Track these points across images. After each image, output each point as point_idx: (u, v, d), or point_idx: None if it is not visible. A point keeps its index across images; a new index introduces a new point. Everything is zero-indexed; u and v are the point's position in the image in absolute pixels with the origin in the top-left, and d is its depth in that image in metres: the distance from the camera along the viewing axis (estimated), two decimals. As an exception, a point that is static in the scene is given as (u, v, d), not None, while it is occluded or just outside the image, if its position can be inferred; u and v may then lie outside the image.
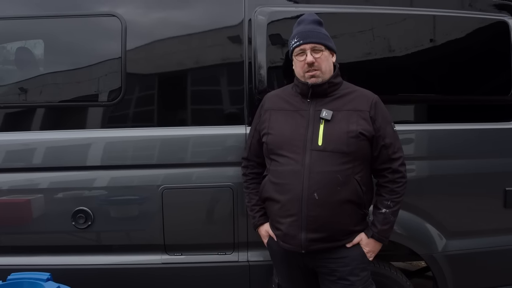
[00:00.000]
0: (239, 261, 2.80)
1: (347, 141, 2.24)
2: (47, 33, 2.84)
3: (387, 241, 2.38)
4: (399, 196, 2.30)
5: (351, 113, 2.29)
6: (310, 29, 2.31)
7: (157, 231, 2.74)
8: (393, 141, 2.31)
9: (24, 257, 2.76)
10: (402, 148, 2.35)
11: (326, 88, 2.31)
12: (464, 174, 2.87)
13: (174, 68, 2.83)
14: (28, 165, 2.73)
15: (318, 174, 2.24)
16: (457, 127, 2.88)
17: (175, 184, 2.73)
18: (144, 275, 2.77)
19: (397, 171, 2.30)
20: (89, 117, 2.80)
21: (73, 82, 2.79)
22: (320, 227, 2.27)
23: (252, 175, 2.55)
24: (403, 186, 2.31)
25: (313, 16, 2.37)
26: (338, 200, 2.25)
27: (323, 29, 2.35)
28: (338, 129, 2.26)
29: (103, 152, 2.75)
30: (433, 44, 2.87)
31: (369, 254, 2.36)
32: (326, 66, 2.31)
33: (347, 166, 2.25)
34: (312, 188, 2.24)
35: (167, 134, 2.75)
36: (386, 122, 2.32)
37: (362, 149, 2.28)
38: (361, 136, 2.25)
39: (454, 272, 2.88)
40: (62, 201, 2.74)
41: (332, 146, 2.25)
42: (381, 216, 2.31)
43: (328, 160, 2.24)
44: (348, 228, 2.33)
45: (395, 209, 2.30)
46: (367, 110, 2.29)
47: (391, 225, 2.34)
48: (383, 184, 2.33)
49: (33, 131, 2.77)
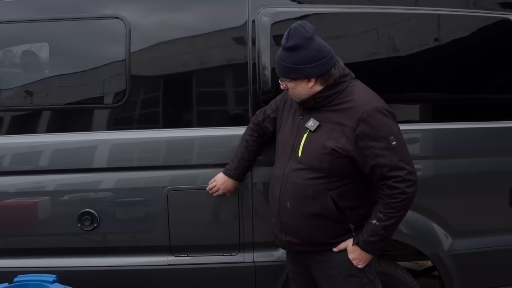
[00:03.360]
0: (245, 262, 2.80)
1: (320, 157, 2.17)
2: (52, 36, 2.84)
3: (376, 254, 2.26)
4: (394, 212, 2.11)
5: (336, 127, 2.16)
6: (281, 58, 2.17)
7: (163, 232, 2.74)
8: (388, 160, 2.08)
9: (31, 259, 2.76)
10: (406, 165, 2.11)
11: (312, 103, 2.22)
12: (470, 173, 2.85)
13: (178, 70, 2.82)
14: (35, 168, 2.74)
15: (292, 184, 2.25)
16: (462, 126, 2.86)
17: (181, 185, 2.73)
18: (150, 276, 2.77)
19: (394, 187, 2.09)
20: (95, 119, 2.80)
21: (78, 85, 2.79)
22: (293, 233, 2.32)
23: (257, 134, 2.60)
24: (401, 202, 2.10)
25: (290, 41, 2.13)
26: (308, 213, 2.23)
27: (295, 56, 2.13)
28: (316, 142, 2.19)
29: (108, 154, 2.75)
30: (437, 43, 2.86)
31: (355, 262, 2.25)
32: (299, 92, 2.21)
33: (319, 181, 2.19)
34: (285, 197, 2.27)
35: (172, 135, 2.75)
36: (379, 138, 2.10)
37: (338, 167, 2.16)
38: (335, 153, 2.14)
39: (461, 272, 2.86)
40: (68, 203, 2.75)
41: (306, 159, 2.21)
42: (370, 226, 2.17)
43: (301, 173, 2.22)
44: (321, 240, 2.28)
45: (387, 223, 2.12)
46: (351, 126, 2.12)
47: (381, 239, 2.17)
48: (380, 195, 2.16)
49: (39, 134, 2.78)
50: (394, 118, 2.19)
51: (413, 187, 2.12)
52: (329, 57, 2.17)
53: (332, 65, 2.17)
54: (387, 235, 2.19)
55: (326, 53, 2.16)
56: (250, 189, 2.76)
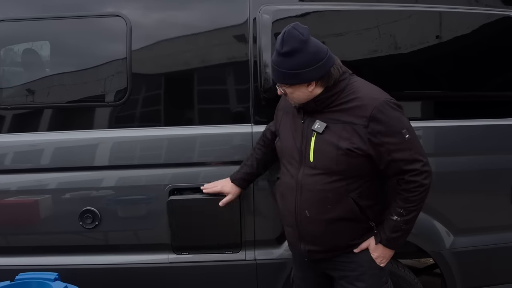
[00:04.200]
0: (246, 260, 2.80)
1: (336, 159, 2.08)
2: (53, 34, 2.84)
3: (398, 247, 2.24)
4: (414, 205, 2.09)
5: (346, 126, 2.08)
6: (277, 64, 2.08)
7: (164, 230, 2.74)
8: (404, 154, 2.05)
9: (32, 257, 2.76)
10: (421, 157, 2.08)
11: (314, 106, 2.14)
12: (471, 171, 2.85)
13: (180, 68, 2.83)
14: (36, 166, 2.74)
15: (308, 192, 2.17)
16: (464, 123, 2.86)
17: (182, 183, 2.73)
18: (151, 274, 2.77)
19: (412, 181, 2.06)
20: (96, 117, 2.80)
21: (79, 83, 2.79)
22: (315, 241, 2.25)
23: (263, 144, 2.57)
24: (420, 195, 2.08)
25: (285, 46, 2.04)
26: (330, 218, 2.16)
27: (288, 62, 2.05)
28: (328, 145, 2.10)
29: (110, 152, 2.76)
30: (438, 40, 2.85)
31: (378, 260, 2.22)
32: (298, 96, 2.13)
33: (339, 184, 2.12)
34: (303, 205, 2.19)
35: (173, 133, 2.75)
36: (393, 134, 2.05)
37: (356, 167, 2.10)
38: (352, 153, 2.07)
39: (462, 269, 2.86)
40: (69, 201, 2.75)
41: (321, 163, 2.12)
42: (392, 223, 2.13)
43: (318, 178, 2.14)
44: (346, 243, 2.24)
45: (408, 218, 2.10)
46: (363, 124, 2.05)
47: (403, 233, 2.16)
48: (398, 191, 2.11)
49: (41, 132, 2.78)
50: (402, 110, 2.15)
51: (429, 178, 2.10)
52: (327, 58, 2.08)
53: (331, 65, 2.09)
54: (409, 229, 2.17)
55: (323, 54, 2.08)
56: (251, 186, 2.74)
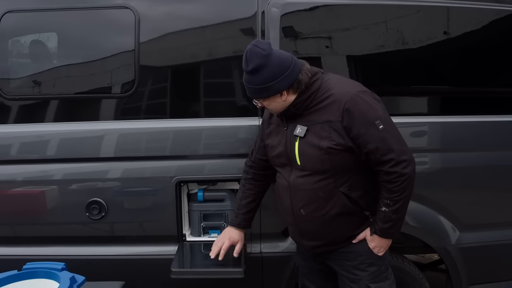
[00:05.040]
0: (252, 253, 2.80)
1: (320, 158, 2.16)
2: (61, 25, 2.84)
3: (395, 236, 2.28)
4: (398, 195, 2.13)
5: (323, 126, 2.15)
6: (247, 81, 2.17)
7: (171, 222, 2.76)
8: (379, 144, 2.10)
9: (39, 247, 2.78)
10: (396, 147, 2.11)
11: (293, 111, 2.21)
12: (478, 166, 2.84)
13: (187, 61, 2.83)
14: (43, 157, 2.75)
15: (300, 191, 2.24)
16: (472, 119, 2.84)
17: (188, 175, 2.74)
18: (157, 266, 2.77)
19: (391, 172, 2.10)
20: (104, 109, 2.81)
21: (87, 75, 2.80)
22: (315, 237, 2.32)
23: (252, 175, 2.55)
24: (402, 184, 2.11)
25: (250, 64, 2.11)
26: (325, 215, 2.23)
27: (258, 77, 2.11)
28: (310, 147, 2.17)
29: (117, 143, 2.76)
30: (447, 36, 2.84)
31: (375, 250, 2.28)
32: (275, 107, 2.22)
33: (327, 181, 2.19)
34: (298, 205, 2.27)
35: (180, 125, 2.75)
36: (367, 125, 2.10)
37: (340, 162, 2.17)
38: (333, 151, 2.14)
39: (468, 265, 2.85)
40: (76, 192, 2.76)
41: (308, 165, 2.20)
42: (382, 214, 2.19)
43: (307, 179, 2.21)
44: (345, 235, 2.30)
45: (395, 207, 2.15)
46: (338, 120, 2.12)
47: (394, 223, 2.20)
48: (381, 182, 2.17)
49: (48, 123, 2.79)
50: (375, 100, 2.18)
51: (409, 167, 2.11)
52: (292, 66, 2.14)
53: (298, 72, 2.15)
54: (400, 218, 2.21)
55: (288, 63, 2.14)
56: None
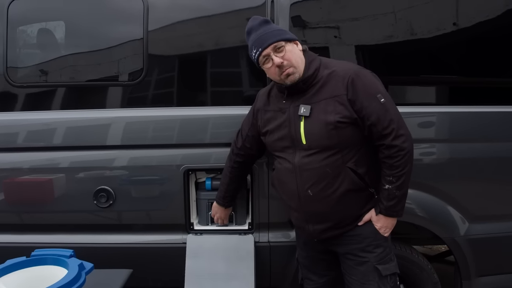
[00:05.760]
0: (260, 242, 2.80)
1: (328, 134, 2.18)
2: (69, 14, 2.84)
3: (400, 215, 2.28)
4: (400, 170, 2.16)
5: (328, 101, 2.19)
6: (262, 32, 2.21)
7: (179, 210, 2.76)
8: (380, 117, 2.15)
9: (47, 235, 2.80)
10: (396, 119, 2.17)
11: (302, 86, 2.23)
12: (488, 157, 2.81)
13: (195, 50, 2.81)
14: (52, 144, 2.76)
15: (307, 171, 2.23)
16: (482, 109, 2.81)
17: (196, 164, 2.75)
18: (165, 255, 2.79)
19: (392, 146, 2.15)
20: (112, 96, 2.81)
21: (97, 63, 2.80)
22: (323, 219, 2.30)
23: (239, 164, 2.58)
24: (402, 159, 2.15)
25: (258, 19, 2.26)
26: (334, 193, 2.22)
27: (273, 26, 2.27)
28: (317, 124, 2.19)
29: (124, 131, 2.76)
30: (456, 26, 2.81)
31: (382, 230, 2.29)
32: (296, 59, 2.22)
33: (335, 158, 2.20)
34: (305, 186, 2.25)
35: (189, 114, 2.75)
36: (369, 99, 2.16)
37: (347, 137, 2.19)
38: (341, 125, 2.17)
39: (477, 257, 2.83)
40: (84, 180, 2.77)
41: (315, 143, 2.21)
42: (385, 192, 2.21)
43: (314, 157, 2.21)
44: (355, 214, 2.30)
45: (398, 183, 2.18)
46: (343, 94, 2.17)
47: (399, 200, 2.22)
48: (382, 160, 2.20)
49: (57, 111, 2.80)
50: (375, 77, 2.26)
51: (407, 141, 2.18)
52: None
53: None
54: (403, 194, 2.24)
55: None
56: (265, 169, 2.75)
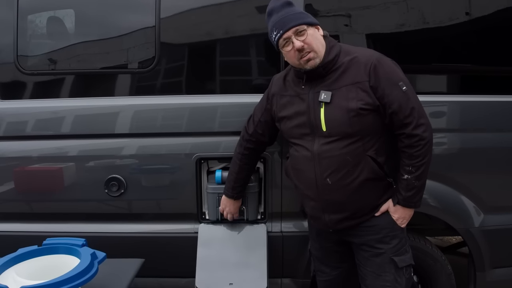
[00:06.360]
0: (273, 231, 2.78)
1: (350, 121, 2.13)
2: (78, 2, 2.81)
3: (418, 206, 2.25)
4: (420, 160, 2.13)
5: (350, 88, 2.14)
6: (284, 14, 2.15)
7: (190, 200, 2.75)
8: (402, 105, 2.11)
9: (58, 224, 2.79)
10: (417, 107, 2.13)
11: (321, 71, 2.18)
12: (502, 147, 2.77)
13: (208, 38, 2.78)
14: (64, 133, 2.75)
15: (327, 159, 2.19)
16: (495, 99, 2.76)
17: (208, 153, 2.73)
18: (177, 244, 2.78)
19: (413, 135, 2.12)
20: (124, 84, 2.80)
21: (110, 51, 2.79)
22: (341, 209, 2.26)
23: (250, 151, 2.53)
24: (423, 148, 2.12)
25: (280, 0, 2.18)
26: (353, 182, 2.19)
27: (295, 8, 2.19)
28: (338, 110, 2.15)
29: (138, 119, 2.74)
30: (469, 16, 2.75)
31: (399, 221, 2.27)
32: (317, 44, 2.16)
33: (356, 145, 2.16)
34: (323, 174, 2.21)
35: (205, 101, 2.73)
36: (391, 86, 2.13)
37: (369, 124, 2.16)
38: (363, 112, 2.13)
39: (491, 248, 2.80)
40: (95, 169, 2.76)
41: (336, 130, 2.16)
42: (404, 182, 2.18)
43: (334, 145, 2.17)
44: (372, 204, 2.27)
45: (417, 173, 2.15)
46: (365, 80, 2.13)
47: (417, 190, 2.19)
48: (402, 149, 2.17)
49: (68, 98, 2.79)
50: (397, 65, 2.22)
51: (428, 130, 2.15)
52: None
53: None
54: (422, 185, 2.21)
55: None
56: (278, 157, 2.72)
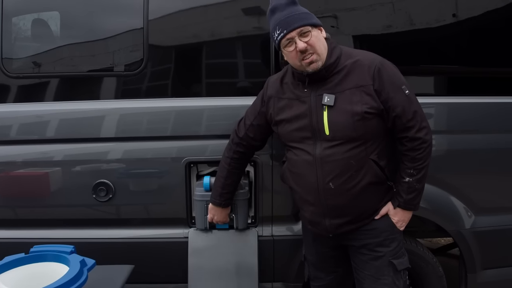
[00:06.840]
0: (263, 235, 2.76)
1: (354, 125, 2.11)
2: (66, 2, 2.76)
3: (417, 208, 2.27)
4: (422, 163, 2.15)
5: (354, 91, 2.12)
6: (288, 14, 2.09)
7: (180, 204, 2.72)
8: (405, 108, 2.12)
9: (45, 230, 2.74)
10: (419, 111, 2.15)
11: (324, 73, 2.15)
12: (493, 149, 2.77)
13: (197, 40, 2.75)
14: (51, 137, 2.70)
15: (329, 163, 2.16)
16: (486, 100, 2.77)
17: (199, 156, 2.69)
18: (167, 249, 2.74)
19: (415, 138, 2.14)
20: (111, 87, 2.76)
21: (98, 53, 2.74)
22: (342, 213, 2.24)
23: (239, 154, 2.47)
24: (425, 151, 2.15)
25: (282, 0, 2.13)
26: (356, 186, 2.17)
27: (300, 8, 2.14)
28: (342, 114, 2.12)
29: (125, 123, 2.71)
30: (456, 17, 2.75)
31: (398, 224, 2.27)
32: (320, 46, 2.12)
33: (359, 149, 2.15)
34: (326, 178, 2.18)
35: (194, 105, 2.70)
36: (395, 90, 2.12)
37: (372, 128, 2.15)
38: (368, 116, 2.11)
39: (482, 249, 2.81)
40: (83, 173, 2.71)
41: (339, 134, 2.14)
42: (405, 185, 2.19)
43: (337, 149, 2.15)
44: (373, 208, 2.27)
45: (419, 176, 2.17)
46: (370, 84, 2.11)
47: (418, 193, 2.21)
48: (404, 152, 2.17)
49: (54, 102, 2.74)
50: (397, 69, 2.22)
51: (429, 133, 2.18)
52: None
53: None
54: (422, 188, 2.24)
55: None
56: (270, 162, 2.70)
